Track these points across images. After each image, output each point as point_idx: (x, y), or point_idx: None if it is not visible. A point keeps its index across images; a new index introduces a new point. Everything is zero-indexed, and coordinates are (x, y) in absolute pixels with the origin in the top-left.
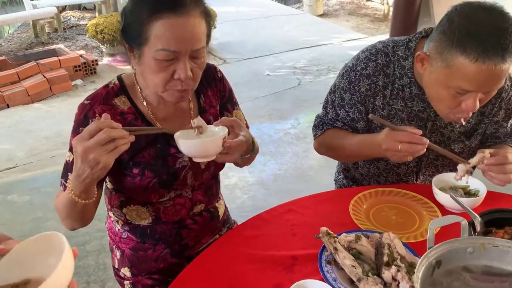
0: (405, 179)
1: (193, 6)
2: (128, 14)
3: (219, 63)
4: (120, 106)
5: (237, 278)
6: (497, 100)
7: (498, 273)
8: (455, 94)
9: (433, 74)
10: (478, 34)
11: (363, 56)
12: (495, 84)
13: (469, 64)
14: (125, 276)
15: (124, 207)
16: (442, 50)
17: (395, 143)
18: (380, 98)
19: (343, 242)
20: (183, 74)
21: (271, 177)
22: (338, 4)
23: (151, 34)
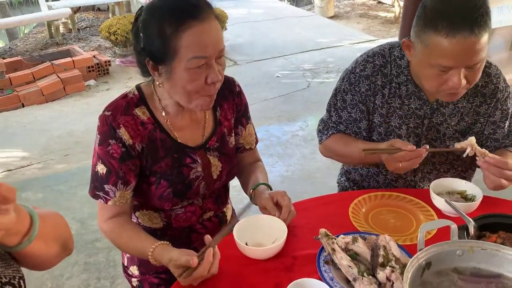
0: (404, 176)
1: (210, 11)
2: (149, 32)
3: (229, 65)
4: (140, 116)
5: (240, 277)
6: (492, 101)
7: (485, 274)
8: (439, 72)
9: (416, 57)
10: (447, 11)
11: (361, 59)
12: (472, 57)
13: (442, 40)
14: (133, 274)
15: (137, 211)
16: (419, 33)
17: (397, 164)
18: (380, 97)
19: (340, 243)
20: (216, 77)
21: (278, 178)
22: (349, 6)
23: (180, 46)
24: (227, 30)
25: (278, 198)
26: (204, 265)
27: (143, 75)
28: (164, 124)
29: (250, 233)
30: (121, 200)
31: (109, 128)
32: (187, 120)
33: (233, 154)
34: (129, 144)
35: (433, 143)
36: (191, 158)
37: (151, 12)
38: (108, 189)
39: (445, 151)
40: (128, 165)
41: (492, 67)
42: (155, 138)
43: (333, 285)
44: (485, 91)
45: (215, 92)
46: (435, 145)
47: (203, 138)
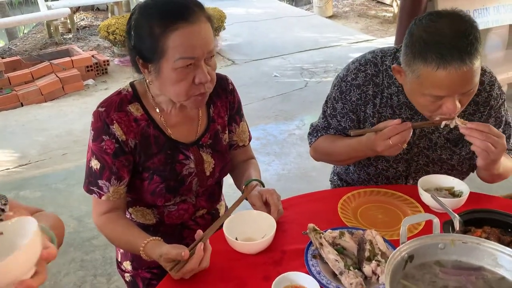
0: (394, 182)
1: (200, 13)
2: (139, 31)
3: (227, 64)
4: (134, 113)
5: (229, 271)
6: (486, 109)
7: (466, 267)
8: (432, 100)
9: (408, 85)
10: (435, 43)
11: (353, 67)
12: (465, 86)
13: (433, 73)
14: (126, 269)
15: (130, 207)
16: (408, 63)
17: (386, 141)
18: (371, 107)
19: (328, 238)
20: (204, 78)
21: (274, 176)
22: (347, 5)
23: (168, 46)
24: (225, 29)
25: (267, 196)
26: (195, 258)
27: (136, 72)
28: (158, 120)
29: (240, 228)
30: (115, 195)
31: (102, 124)
32: (181, 117)
33: (227, 151)
34: (122, 140)
35: (425, 152)
36: (184, 155)
37: (143, 11)
38: (102, 184)
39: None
40: (121, 161)
41: (486, 74)
42: (148, 135)
43: (320, 278)
44: (478, 99)
45: (205, 91)
46: (427, 154)
47: (196, 135)
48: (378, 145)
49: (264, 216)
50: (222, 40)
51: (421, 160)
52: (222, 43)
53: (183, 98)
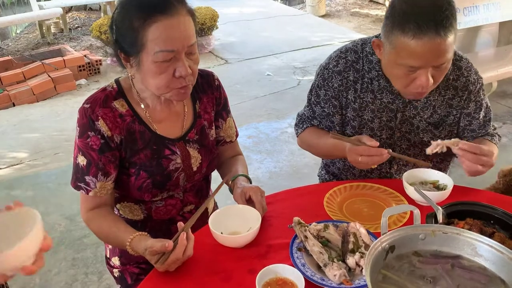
0: (379, 167)
1: (180, 6)
2: (119, 25)
3: (220, 63)
4: (119, 109)
5: (214, 264)
6: (464, 93)
7: (445, 256)
8: (407, 72)
9: (386, 57)
10: (414, 13)
11: (334, 55)
12: (438, 58)
13: (409, 42)
14: (115, 265)
15: (118, 203)
16: (388, 34)
17: (356, 156)
18: (352, 92)
19: (312, 230)
20: (184, 71)
21: (266, 174)
22: (340, 4)
23: (147, 39)
24: (218, 29)
25: (251, 193)
26: (179, 248)
27: (120, 66)
28: (143, 116)
29: (226, 223)
30: (102, 191)
31: (88, 121)
32: (166, 112)
33: (213, 146)
34: (107, 136)
35: (407, 136)
36: (170, 150)
37: (123, 5)
38: (89, 180)
39: (408, 160)
40: (108, 157)
41: (463, 60)
42: (134, 130)
43: (304, 270)
44: (457, 84)
45: (187, 84)
46: (408, 138)
47: (182, 130)
48: (349, 156)
49: (250, 210)
50: (215, 39)
51: (403, 144)
52: (215, 42)
53: (163, 91)
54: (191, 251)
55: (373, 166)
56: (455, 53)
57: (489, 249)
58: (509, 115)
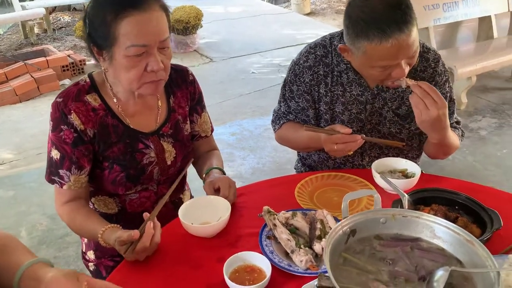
0: (351, 160)
1: (152, 1)
2: (92, 19)
3: (205, 62)
4: (92, 103)
5: (184, 254)
6: (431, 84)
7: (404, 239)
8: (382, 70)
9: (357, 61)
10: (373, 20)
11: (304, 50)
12: (408, 51)
13: (377, 47)
14: (90, 259)
15: (92, 196)
16: (353, 41)
17: (332, 145)
18: (323, 86)
19: (281, 218)
20: (156, 65)
21: (249, 170)
22: (325, 2)
23: (119, 33)
24: (203, 27)
25: (219, 183)
26: (146, 236)
27: (94, 60)
28: (116, 110)
29: (197, 214)
30: (76, 185)
31: (60, 114)
32: (139, 106)
33: (188, 140)
34: (80, 130)
35: (377, 127)
36: (144, 144)
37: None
38: (62, 174)
39: (381, 142)
40: (81, 150)
41: (431, 52)
42: (107, 124)
43: (272, 257)
44: (424, 75)
45: (158, 79)
46: (379, 129)
47: (156, 125)
48: (325, 146)
49: (220, 200)
50: (200, 38)
51: (374, 136)
52: (200, 41)
53: (135, 85)
54: (158, 238)
55: (350, 153)
56: (423, 45)
57: (446, 231)
58: (489, 109)
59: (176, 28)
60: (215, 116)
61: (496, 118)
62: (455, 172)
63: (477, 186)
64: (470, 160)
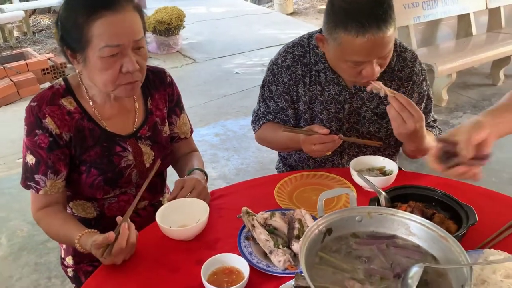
0: (331, 159)
1: (125, 2)
2: (64, 21)
3: (188, 63)
4: (67, 106)
5: (162, 258)
6: (409, 83)
7: (380, 236)
8: (353, 66)
9: (331, 52)
10: (354, 11)
11: (282, 50)
12: (382, 50)
13: (353, 40)
14: (69, 265)
15: (70, 201)
16: (330, 31)
17: (310, 146)
18: (302, 86)
19: (259, 219)
20: (131, 66)
21: (233, 171)
22: (308, 2)
23: (92, 35)
24: (185, 28)
25: (186, 183)
26: (122, 237)
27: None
28: (92, 113)
29: (174, 217)
30: (52, 189)
31: (35, 119)
32: (116, 109)
33: (167, 143)
34: (56, 134)
35: (355, 127)
36: (121, 147)
37: (68, 2)
38: (38, 179)
39: (358, 142)
40: (57, 154)
41: (408, 51)
42: (83, 128)
43: (250, 258)
44: (402, 75)
45: (134, 80)
46: (357, 128)
47: (133, 127)
48: (304, 147)
49: (198, 202)
50: (182, 39)
51: (352, 135)
52: (183, 42)
53: (110, 87)
54: (134, 239)
55: (328, 153)
56: (400, 44)
57: (421, 228)
58: (469, 105)
59: (158, 29)
60: (199, 117)
61: (476, 114)
62: None
63: (453, 182)
64: None
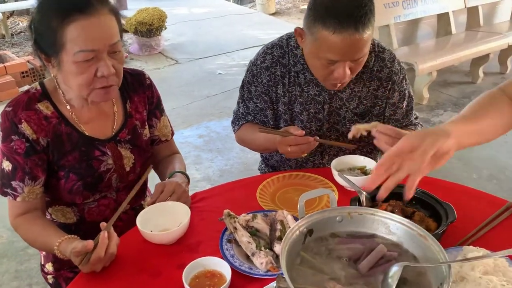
0: (312, 159)
1: (100, 6)
2: (38, 25)
3: (171, 64)
4: (44, 111)
5: (143, 262)
6: (388, 83)
7: (360, 235)
8: (326, 64)
9: (307, 47)
10: (335, 8)
11: (261, 51)
12: (356, 52)
13: (330, 36)
14: (49, 271)
15: (49, 207)
16: (310, 25)
17: (286, 147)
18: (281, 87)
19: (241, 221)
20: (106, 71)
21: (217, 172)
22: (290, 2)
23: (66, 39)
24: (167, 29)
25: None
26: (100, 246)
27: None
28: (70, 117)
29: (156, 221)
30: (30, 196)
31: (10, 124)
32: (94, 112)
33: (148, 146)
34: (32, 139)
35: (335, 127)
36: (100, 151)
37: (42, 5)
38: (15, 185)
39: (334, 144)
40: (34, 160)
41: (386, 51)
42: (61, 132)
43: (233, 261)
44: (381, 75)
45: (109, 84)
46: (337, 128)
47: (113, 131)
48: (280, 148)
49: (179, 206)
50: (164, 40)
51: (332, 135)
52: (165, 43)
53: (85, 91)
54: (113, 249)
55: (304, 155)
56: (378, 44)
57: (401, 227)
58: (450, 103)
59: (139, 31)
60: (182, 119)
61: (457, 112)
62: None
63: (433, 180)
64: None
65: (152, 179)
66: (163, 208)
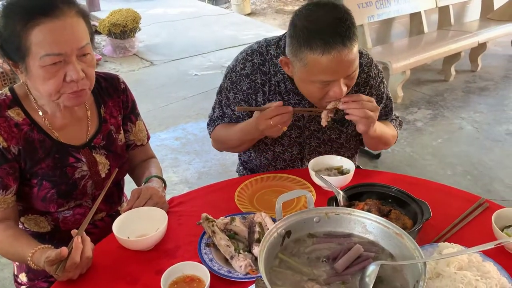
0: (291, 164)
1: (66, 8)
2: (3, 30)
3: (145, 65)
4: (14, 118)
5: (120, 269)
6: (366, 88)
7: (337, 235)
8: (321, 86)
9: (297, 75)
10: (318, 30)
11: (240, 57)
12: (349, 68)
13: (319, 58)
14: (22, 282)
15: (22, 216)
16: (295, 52)
17: (267, 121)
18: (261, 95)
19: (220, 225)
20: (75, 75)
21: (195, 175)
22: (265, 2)
23: (31, 43)
24: (141, 30)
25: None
26: (75, 251)
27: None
28: (42, 124)
29: (132, 226)
30: (2, 205)
31: None
32: (68, 118)
33: (123, 151)
34: (3, 147)
35: (316, 134)
36: (75, 158)
37: (5, 9)
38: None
39: (307, 110)
40: (5, 169)
41: (363, 56)
42: (33, 139)
43: (211, 265)
44: (359, 81)
45: (80, 89)
46: (318, 136)
47: (87, 136)
48: (260, 124)
49: (156, 211)
50: (139, 41)
51: (313, 142)
52: (139, 44)
53: (54, 96)
54: (89, 252)
55: (284, 129)
56: None
57: (377, 226)
58: (423, 101)
59: (113, 32)
60: (158, 121)
61: (430, 110)
62: (395, 164)
63: (408, 178)
64: (408, 151)
65: (128, 185)
66: (139, 214)
